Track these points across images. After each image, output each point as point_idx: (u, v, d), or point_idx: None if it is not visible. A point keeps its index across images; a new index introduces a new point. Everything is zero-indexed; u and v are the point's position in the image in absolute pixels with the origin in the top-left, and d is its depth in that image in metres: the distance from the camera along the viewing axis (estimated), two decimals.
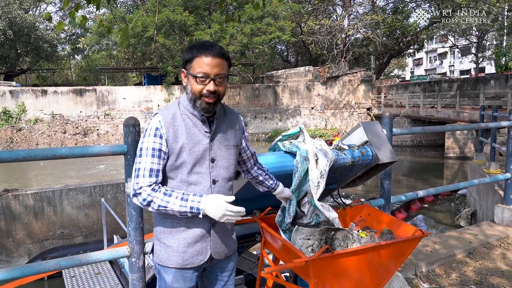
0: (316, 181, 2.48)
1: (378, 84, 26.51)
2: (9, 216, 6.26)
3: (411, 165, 17.68)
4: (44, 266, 2.08)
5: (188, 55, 1.72)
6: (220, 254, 1.86)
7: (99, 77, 35.69)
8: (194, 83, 1.70)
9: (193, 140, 1.73)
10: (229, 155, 1.84)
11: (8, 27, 24.97)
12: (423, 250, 3.84)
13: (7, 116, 21.56)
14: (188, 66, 1.72)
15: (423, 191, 3.96)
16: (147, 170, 1.67)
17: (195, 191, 1.73)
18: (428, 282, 3.34)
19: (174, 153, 1.71)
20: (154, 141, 1.68)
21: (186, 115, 1.75)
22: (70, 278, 5.46)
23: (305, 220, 2.56)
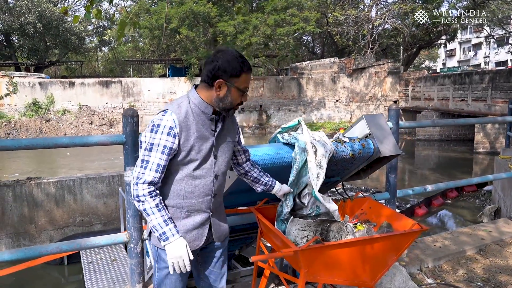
0: (316, 172, 2.48)
1: (406, 76, 25.89)
2: (32, 203, 6.53)
3: (438, 160, 17.26)
4: (46, 249, 2.18)
5: (236, 70, 1.82)
6: (220, 238, 2.03)
7: (125, 69, 36.36)
8: (237, 96, 1.86)
9: (202, 139, 1.84)
10: (228, 151, 1.98)
11: (37, 20, 25.71)
12: (431, 245, 3.77)
13: (36, 107, 22.31)
14: (234, 80, 1.83)
15: (431, 185, 3.88)
16: (155, 164, 1.77)
17: (199, 185, 1.86)
18: (433, 277, 3.29)
19: (185, 150, 1.81)
20: (167, 139, 1.77)
21: (197, 114, 1.84)
22: (87, 263, 5.67)
23: (305, 211, 2.57)
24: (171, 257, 1.76)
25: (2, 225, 6.45)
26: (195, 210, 1.88)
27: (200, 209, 1.89)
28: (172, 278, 1.92)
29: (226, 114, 1.89)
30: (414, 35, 26.52)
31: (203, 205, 1.90)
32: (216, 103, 1.85)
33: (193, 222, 1.88)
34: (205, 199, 1.90)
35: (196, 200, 1.88)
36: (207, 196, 1.90)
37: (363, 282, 2.38)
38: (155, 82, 24.71)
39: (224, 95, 1.83)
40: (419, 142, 20.39)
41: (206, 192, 1.89)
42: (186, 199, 1.86)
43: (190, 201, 1.87)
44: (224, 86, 1.82)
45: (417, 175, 14.32)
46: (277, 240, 2.35)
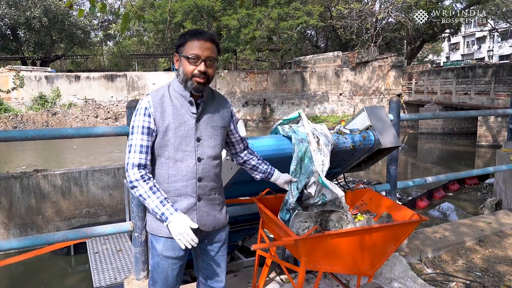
0: (320, 160, 2.53)
1: (410, 70, 25.78)
2: (39, 195, 6.62)
3: (441, 153, 17.24)
4: (53, 237, 2.25)
5: (181, 40, 1.87)
6: (207, 227, 1.97)
7: (130, 63, 36.43)
8: (186, 64, 1.84)
9: (179, 120, 1.86)
10: (215, 135, 1.96)
11: (43, 15, 25.80)
12: (431, 236, 3.82)
13: (43, 100, 22.45)
14: (180, 50, 1.86)
15: (432, 177, 3.92)
16: (138, 146, 1.83)
17: (181, 167, 1.88)
18: (433, 267, 3.34)
19: (161, 131, 1.84)
20: (143, 120, 1.83)
21: (175, 97, 1.88)
22: (93, 254, 5.76)
23: (311, 200, 2.61)
24: (176, 234, 1.77)
25: (10, 216, 6.55)
26: (182, 194, 1.89)
27: (185, 193, 1.89)
28: (163, 266, 1.93)
29: (191, 88, 1.85)
30: (418, 28, 26.37)
31: (188, 189, 1.89)
32: (178, 78, 1.89)
33: (180, 207, 1.88)
34: (189, 182, 1.89)
35: (181, 184, 1.88)
36: (191, 179, 1.89)
37: (363, 271, 2.43)
38: (160, 76, 24.76)
39: (178, 67, 1.88)
40: (422, 135, 20.36)
41: (190, 175, 1.89)
42: (171, 183, 1.88)
43: (175, 185, 1.88)
44: (177, 58, 1.88)
45: (419, 168, 14.33)
46: (278, 229, 2.41)
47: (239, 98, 24.85)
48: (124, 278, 4.95)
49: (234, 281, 3.01)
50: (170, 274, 1.95)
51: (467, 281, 3.09)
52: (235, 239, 4.07)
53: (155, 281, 1.97)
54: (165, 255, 1.91)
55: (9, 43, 29.59)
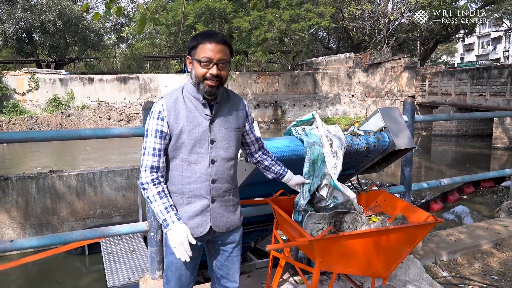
0: (333, 162, 2.53)
1: (423, 71, 25.53)
2: (54, 195, 6.73)
3: (455, 155, 17.03)
4: (71, 236, 2.29)
5: (193, 42, 1.87)
6: (220, 228, 1.98)
7: (142, 65, 36.78)
8: (198, 67, 1.83)
9: (193, 122, 1.87)
10: (229, 137, 1.96)
11: (58, 18, 26.22)
12: (446, 239, 3.78)
13: (57, 102, 22.79)
14: (193, 52, 1.86)
15: (447, 179, 3.88)
16: (151, 148, 1.86)
17: (195, 169, 1.89)
18: (448, 270, 3.31)
19: (175, 134, 1.86)
20: (157, 123, 1.85)
21: (189, 99, 1.89)
22: (107, 254, 5.83)
23: (323, 203, 2.61)
24: (172, 243, 1.81)
25: (26, 216, 6.67)
26: (196, 196, 1.91)
27: (200, 195, 1.91)
28: (176, 265, 1.96)
29: (203, 91, 1.85)
30: (432, 29, 26.11)
31: (202, 191, 1.91)
32: (191, 80, 1.89)
33: (194, 208, 1.90)
34: (203, 184, 1.90)
35: (195, 186, 1.90)
36: (205, 181, 1.90)
37: (377, 272, 2.42)
38: (172, 78, 24.94)
39: (191, 70, 1.88)
40: (436, 137, 20.14)
41: (203, 177, 1.90)
42: (186, 185, 1.90)
43: (190, 187, 1.90)
44: (190, 61, 1.89)
45: (433, 171, 14.18)
46: (292, 230, 2.41)
47: (250, 100, 24.89)
48: (138, 279, 5.00)
49: (248, 282, 3.01)
50: (184, 273, 1.97)
51: (484, 285, 3.05)
52: (247, 240, 4.07)
53: (169, 279, 1.99)
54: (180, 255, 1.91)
55: (24, 46, 30.09)
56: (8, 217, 6.59)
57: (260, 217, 3.39)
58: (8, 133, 2.03)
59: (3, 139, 2.04)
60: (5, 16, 25.77)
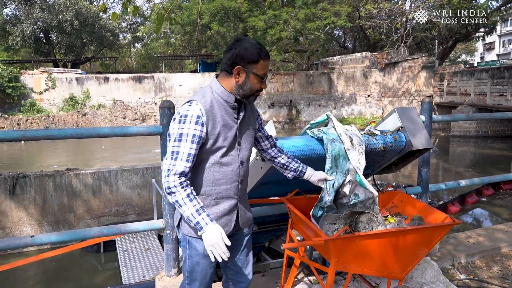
0: (357, 158, 2.51)
1: (441, 71, 25.15)
2: (71, 193, 6.83)
3: (474, 157, 16.74)
4: (89, 232, 2.32)
5: (253, 56, 1.86)
6: (244, 224, 2.07)
7: (157, 65, 37.06)
8: (256, 82, 1.89)
9: (227, 126, 1.90)
10: (250, 138, 2.03)
11: (74, 18, 26.62)
12: (464, 241, 3.71)
13: (73, 102, 23.14)
14: (252, 66, 1.87)
15: (466, 180, 3.81)
16: (185, 154, 1.80)
17: (226, 171, 1.93)
18: (466, 273, 3.25)
19: (212, 138, 1.86)
20: (195, 128, 1.81)
21: (220, 103, 1.89)
22: (122, 251, 5.90)
23: (345, 200, 2.59)
24: (208, 245, 1.79)
25: (43, 213, 6.79)
26: (224, 197, 1.94)
27: (228, 195, 1.95)
28: (203, 265, 1.98)
29: (247, 101, 1.93)
30: (451, 28, 25.66)
31: (231, 192, 1.95)
32: (236, 90, 1.89)
33: (222, 209, 1.94)
34: (233, 185, 1.95)
35: (225, 187, 1.93)
36: (234, 182, 1.95)
37: (393, 273, 2.39)
38: (186, 77, 25.08)
39: (243, 82, 1.87)
40: (454, 138, 19.82)
41: (234, 178, 1.95)
42: (215, 186, 1.92)
43: (219, 188, 1.92)
44: (242, 72, 1.87)
45: (451, 172, 13.97)
46: (308, 230, 2.40)
47: (265, 100, 24.87)
48: (152, 276, 5.04)
49: (262, 281, 3.01)
50: (209, 272, 2.01)
51: None
52: (262, 240, 4.07)
53: (193, 279, 2.00)
54: (206, 254, 1.93)
55: (42, 46, 30.63)
56: (26, 214, 6.72)
57: (274, 216, 3.38)
58: (29, 131, 2.07)
59: (24, 136, 2.08)
60: (24, 16, 26.28)
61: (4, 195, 6.55)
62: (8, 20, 27.24)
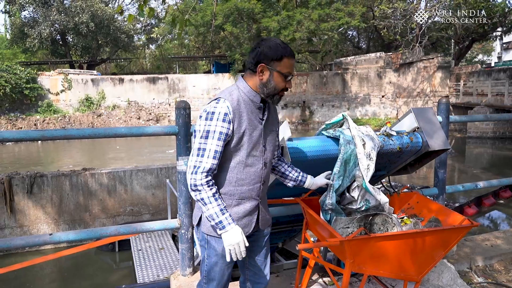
0: (366, 164, 2.49)
1: (457, 71, 24.80)
2: (86, 192, 6.93)
3: (491, 158, 16.45)
4: (106, 231, 2.35)
5: (277, 54, 1.86)
6: (264, 225, 2.08)
7: (171, 66, 37.33)
8: (280, 81, 1.88)
9: (252, 125, 1.88)
10: (273, 139, 2.03)
11: (90, 20, 27.03)
12: (482, 244, 3.65)
13: (89, 102, 23.48)
14: (275, 64, 1.86)
15: (484, 182, 3.74)
16: (212, 151, 1.80)
17: (250, 172, 1.92)
18: (484, 276, 3.20)
19: (237, 137, 1.85)
20: (222, 126, 1.80)
21: (246, 102, 1.89)
22: (137, 251, 5.95)
23: (355, 205, 2.57)
24: (228, 244, 1.80)
25: (60, 212, 6.89)
26: (246, 197, 1.93)
27: (250, 196, 1.94)
28: (221, 265, 1.98)
29: (272, 100, 1.92)
30: (467, 27, 25.28)
31: (253, 192, 1.94)
32: (261, 88, 1.88)
33: (243, 209, 1.93)
34: (255, 186, 1.94)
35: (247, 187, 1.92)
36: (257, 183, 1.94)
37: (409, 276, 2.36)
38: (200, 78, 25.21)
39: (267, 80, 1.87)
40: (471, 139, 19.51)
41: (257, 179, 1.94)
42: (238, 186, 1.91)
43: (242, 188, 1.91)
44: (266, 70, 1.86)
45: (467, 174, 13.75)
46: (323, 231, 2.39)
47: None
48: (166, 276, 5.08)
49: (277, 282, 3.01)
50: (226, 273, 2.02)
51: None
52: (275, 241, 4.05)
53: (211, 279, 2.01)
54: (225, 254, 1.92)
55: (58, 47, 31.15)
56: (43, 213, 6.83)
57: (288, 217, 3.37)
58: (48, 131, 2.11)
59: (44, 136, 2.12)
60: (41, 19, 26.77)
61: (22, 194, 6.67)
62: (26, 23, 27.79)
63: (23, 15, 28.54)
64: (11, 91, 21.30)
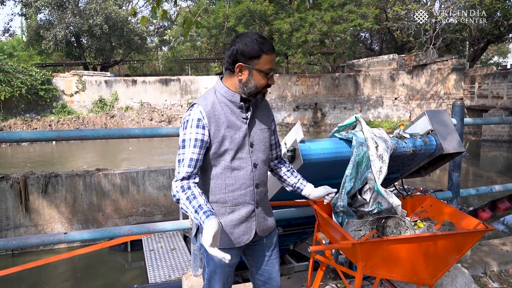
0: (378, 166, 2.47)
1: (472, 73, 24.48)
2: (100, 193, 7.00)
3: (507, 162, 16.19)
4: (119, 231, 2.38)
5: (254, 52, 1.74)
6: (264, 232, 1.95)
7: (183, 67, 37.57)
8: (260, 79, 1.76)
9: (233, 127, 1.78)
10: (264, 138, 1.90)
11: (104, 22, 27.37)
12: (497, 249, 3.59)
13: (102, 104, 23.76)
14: (254, 62, 1.75)
15: (499, 186, 3.68)
16: (187, 160, 1.71)
17: (238, 176, 1.81)
18: (499, 282, 3.15)
19: (217, 142, 1.76)
20: (197, 132, 1.72)
21: (224, 103, 1.79)
22: (149, 251, 6.00)
23: (367, 208, 2.56)
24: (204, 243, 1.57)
25: (74, 211, 6.98)
26: (240, 203, 1.83)
27: (244, 201, 1.84)
28: (220, 273, 1.90)
29: (255, 99, 1.80)
30: (482, 29, 24.94)
31: (246, 197, 1.84)
32: (241, 89, 1.77)
33: (239, 216, 1.84)
34: (248, 190, 1.84)
35: (239, 192, 1.83)
36: (249, 187, 1.84)
37: (422, 280, 2.34)
38: (212, 80, 25.30)
39: (247, 79, 1.76)
40: (485, 143, 19.23)
41: (247, 183, 1.83)
42: (229, 193, 1.81)
43: (233, 194, 1.82)
44: (245, 69, 1.75)
45: (482, 178, 13.54)
46: (335, 233, 2.38)
47: (290, 102, 24.82)
48: (178, 276, 5.10)
49: (288, 284, 3.00)
50: (226, 280, 1.95)
51: None
52: (287, 243, 4.05)
53: (212, 286, 1.95)
54: (222, 263, 1.86)
55: (73, 49, 31.62)
56: (58, 212, 6.93)
57: (300, 219, 3.37)
58: (63, 131, 2.14)
59: (59, 136, 2.15)
60: (56, 21, 27.20)
61: (37, 193, 6.78)
62: (41, 25, 28.27)
63: (39, 18, 29.04)
64: (26, 92, 21.65)
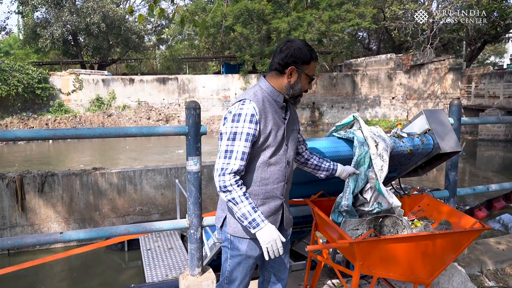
0: (380, 165, 2.48)
1: (469, 73, 24.54)
2: (96, 192, 6.98)
3: (503, 161, 16.24)
4: (116, 230, 2.37)
5: (307, 57, 1.91)
6: (288, 225, 2.10)
7: (181, 66, 37.50)
8: (306, 83, 1.95)
9: (277, 125, 1.91)
10: (295, 138, 2.07)
11: (101, 21, 27.26)
12: (493, 248, 3.61)
13: (99, 102, 23.68)
14: (304, 67, 1.92)
15: (495, 185, 3.69)
16: (240, 153, 1.82)
17: (274, 171, 1.94)
18: (495, 280, 3.16)
19: (263, 138, 1.87)
20: (249, 127, 1.82)
21: (270, 102, 1.91)
22: (146, 250, 5.99)
23: (366, 207, 2.56)
24: (265, 242, 1.81)
25: (70, 211, 6.96)
26: (270, 196, 1.94)
27: (274, 195, 1.95)
28: (244, 266, 1.99)
29: (294, 101, 1.97)
30: (479, 28, 25.00)
31: (277, 191, 1.96)
32: (287, 90, 1.92)
33: (268, 208, 1.94)
34: (279, 185, 1.96)
35: (272, 187, 1.93)
36: (281, 182, 1.96)
37: (419, 279, 2.34)
38: (210, 79, 25.29)
39: (295, 82, 1.91)
40: (482, 142, 19.29)
41: (280, 178, 1.95)
42: (262, 186, 1.92)
43: (266, 188, 1.92)
44: (295, 72, 1.90)
45: (478, 177, 13.59)
46: (332, 232, 2.38)
47: None
48: (175, 275, 5.09)
49: None
50: (248, 273, 2.03)
51: None
52: None
53: (233, 280, 2.01)
54: (249, 255, 1.97)
55: (70, 48, 31.47)
56: (54, 212, 6.90)
57: (297, 218, 3.36)
58: (59, 130, 2.13)
59: (55, 135, 2.14)
60: (53, 20, 27.09)
61: (33, 192, 6.75)
62: (38, 23, 28.14)
63: (35, 16, 28.90)
64: (23, 91, 21.56)
